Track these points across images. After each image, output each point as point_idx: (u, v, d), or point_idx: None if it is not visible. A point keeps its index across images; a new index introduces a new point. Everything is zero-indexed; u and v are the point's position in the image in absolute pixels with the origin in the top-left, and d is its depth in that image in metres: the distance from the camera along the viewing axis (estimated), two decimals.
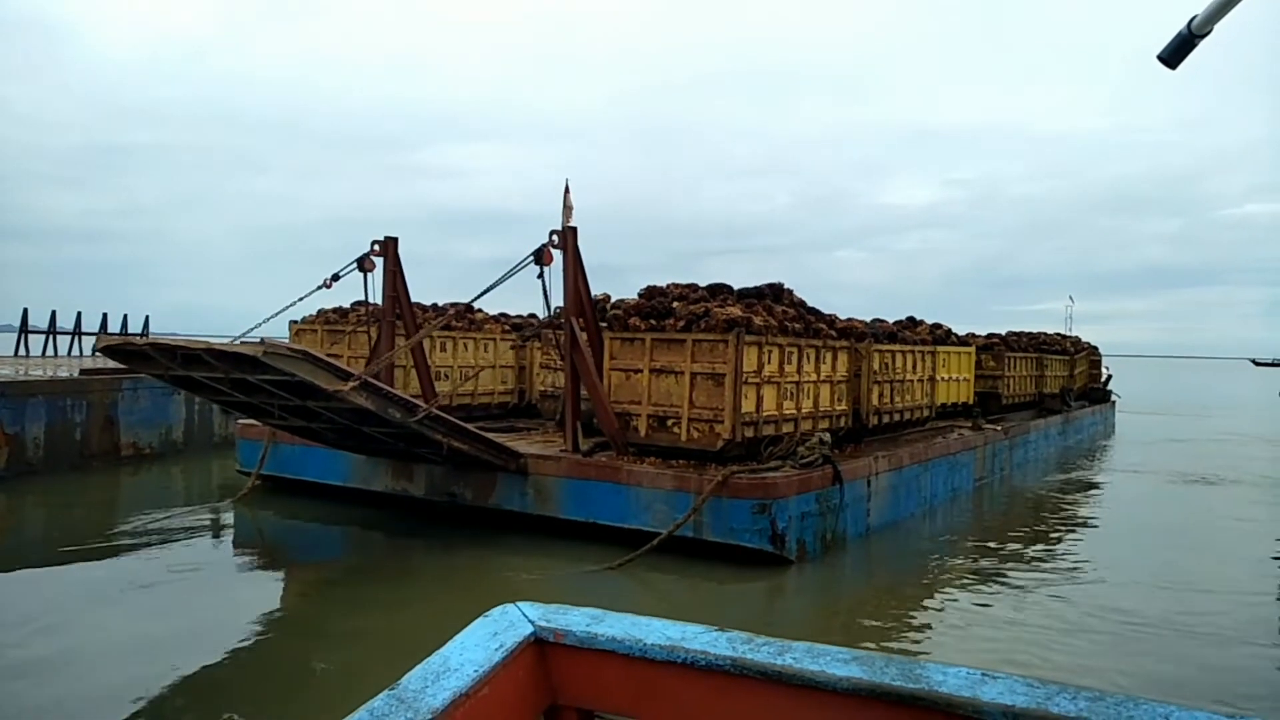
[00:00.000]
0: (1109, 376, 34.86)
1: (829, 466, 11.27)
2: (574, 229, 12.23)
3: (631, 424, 11.88)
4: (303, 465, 14.10)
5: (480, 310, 17.73)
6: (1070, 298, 38.25)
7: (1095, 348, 33.94)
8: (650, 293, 12.38)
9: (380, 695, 1.45)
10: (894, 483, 13.36)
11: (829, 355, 13.08)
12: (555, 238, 12.04)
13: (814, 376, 12.69)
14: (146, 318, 33.74)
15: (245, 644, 8.04)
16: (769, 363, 11.58)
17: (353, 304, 16.21)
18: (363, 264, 13.72)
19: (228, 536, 12.65)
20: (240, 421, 15.60)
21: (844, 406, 13.65)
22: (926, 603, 9.83)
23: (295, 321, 15.75)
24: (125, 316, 32.76)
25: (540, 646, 1.72)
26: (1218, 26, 3.14)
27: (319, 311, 15.99)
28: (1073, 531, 14.05)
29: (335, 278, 13.34)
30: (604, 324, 12.51)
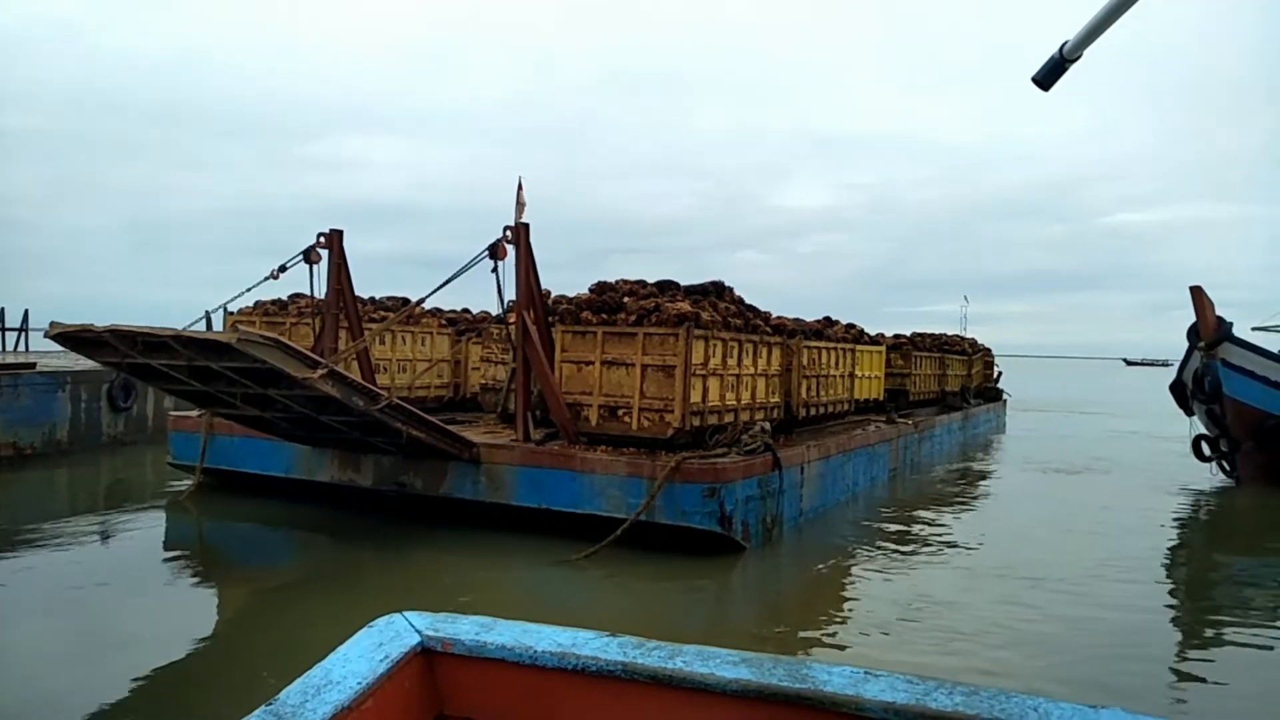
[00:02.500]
0: (1000, 375, 37.08)
1: (769, 454, 12.00)
2: (526, 225, 12.62)
3: (582, 414, 12.36)
4: (243, 457, 14.02)
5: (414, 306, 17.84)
6: (965, 299, 40.46)
7: (989, 349, 36.04)
8: (601, 288, 12.89)
9: (256, 711, 1.40)
10: (823, 471, 14.22)
11: (765, 350, 13.84)
12: (509, 233, 12.42)
13: (752, 370, 13.43)
14: (26, 311, 31.94)
15: (180, 658, 7.55)
16: (714, 356, 12.25)
17: (290, 296, 16.17)
18: (308, 256, 13.78)
19: (158, 539, 12.19)
20: (173, 414, 15.41)
21: (777, 399, 14.45)
22: (856, 581, 10.68)
23: (232, 313, 15.62)
24: (2, 310, 30.94)
25: (428, 656, 1.69)
26: (1088, 51, 3.32)
27: (256, 303, 15.89)
28: (972, 514, 15.29)
29: (282, 269, 13.38)
30: (553, 318, 12.96)
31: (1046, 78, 3.36)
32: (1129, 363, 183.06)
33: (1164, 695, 7.28)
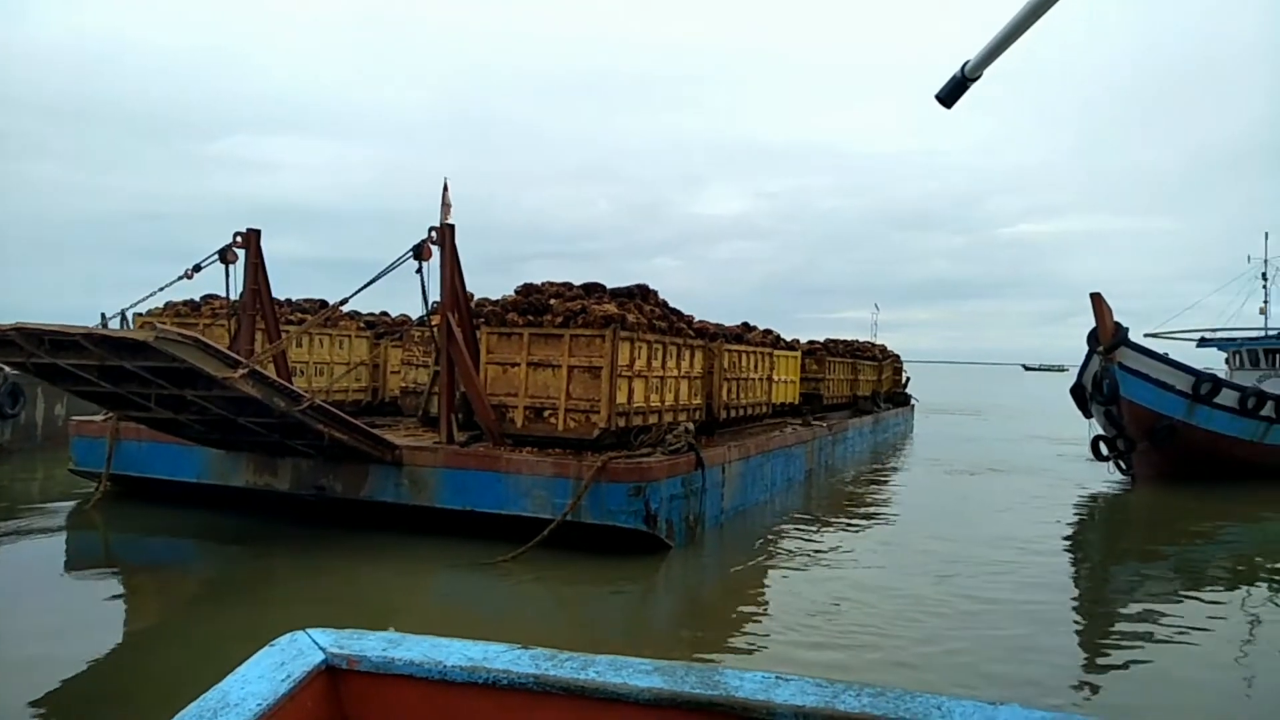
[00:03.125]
0: (908, 380, 38.34)
1: (693, 453, 12.22)
2: (452, 226, 12.59)
3: (508, 415, 12.35)
4: (151, 463, 13.56)
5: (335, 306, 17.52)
6: (876, 307, 41.84)
7: (898, 355, 37.22)
8: (527, 290, 12.92)
9: None
10: (743, 471, 14.53)
11: (688, 353, 14.08)
12: (434, 234, 12.38)
13: (676, 372, 13.64)
14: None
15: (84, 680, 7.09)
16: (639, 358, 12.40)
17: (203, 297, 15.70)
18: (224, 256, 13.41)
19: (59, 551, 11.66)
20: (75, 419, 14.79)
21: (699, 401, 14.69)
22: (775, 578, 10.97)
23: (140, 315, 15.06)
24: None
25: (332, 675, 1.65)
26: (989, 70, 3.42)
27: (167, 304, 15.36)
28: (882, 514, 15.81)
29: (197, 268, 13.00)
30: (478, 320, 12.94)
31: (949, 96, 3.45)
32: (1028, 368, 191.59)
33: (1066, 686, 7.52)
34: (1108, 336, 18.54)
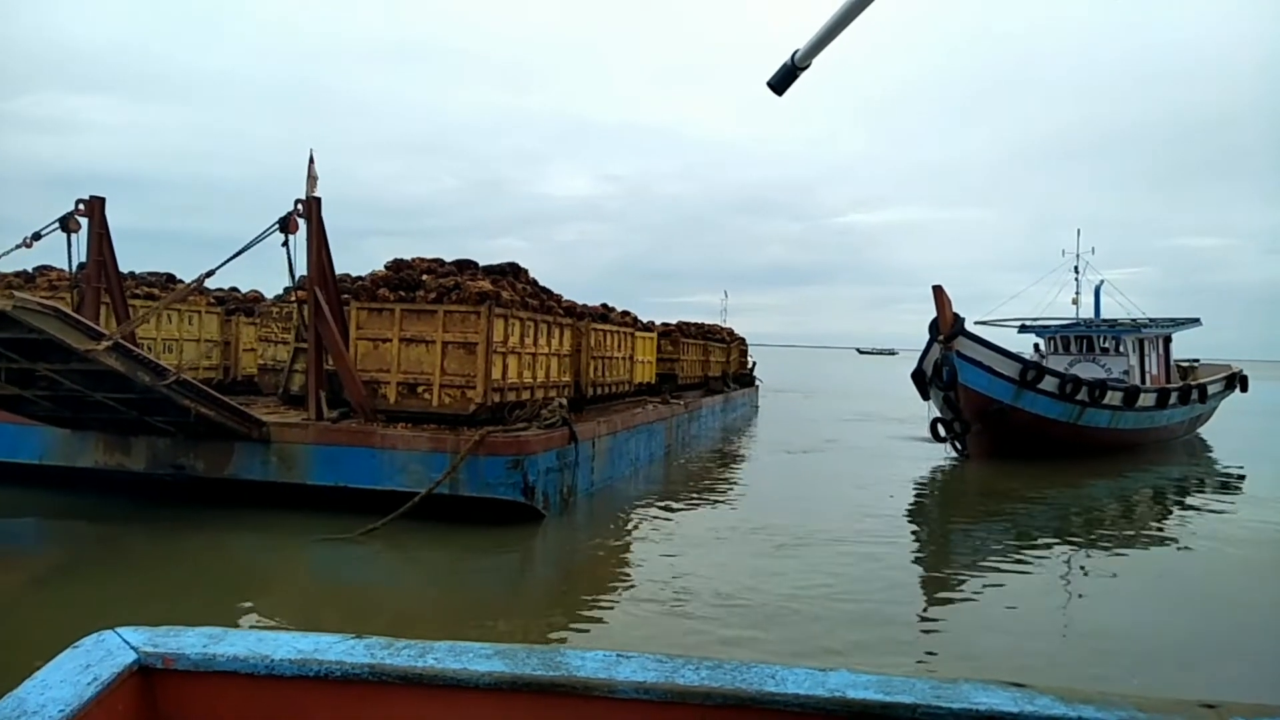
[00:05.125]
0: (754, 363, 40.02)
1: (567, 428, 12.58)
2: (318, 199, 12.36)
3: (380, 391, 12.32)
4: None
5: (183, 281, 16.76)
6: (725, 293, 43.45)
7: (744, 338, 38.76)
8: (398, 265, 12.87)
9: None
10: (611, 446, 15.01)
11: (558, 331, 14.40)
12: (300, 207, 12.13)
13: (547, 349, 13.94)
14: None
15: None
16: (513, 334, 12.63)
17: (36, 269, 14.68)
18: (66, 224, 12.63)
19: None
20: None
21: (568, 378, 15.06)
22: (638, 547, 11.52)
23: None
24: None
25: (146, 675, 1.57)
26: (817, 60, 3.47)
27: None
28: (735, 488, 16.61)
29: (36, 236, 12.19)
30: (346, 295, 12.79)
31: (780, 83, 3.48)
32: (861, 351, 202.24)
33: (904, 644, 7.97)
34: (947, 327, 20.03)
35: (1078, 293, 29.02)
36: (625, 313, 20.57)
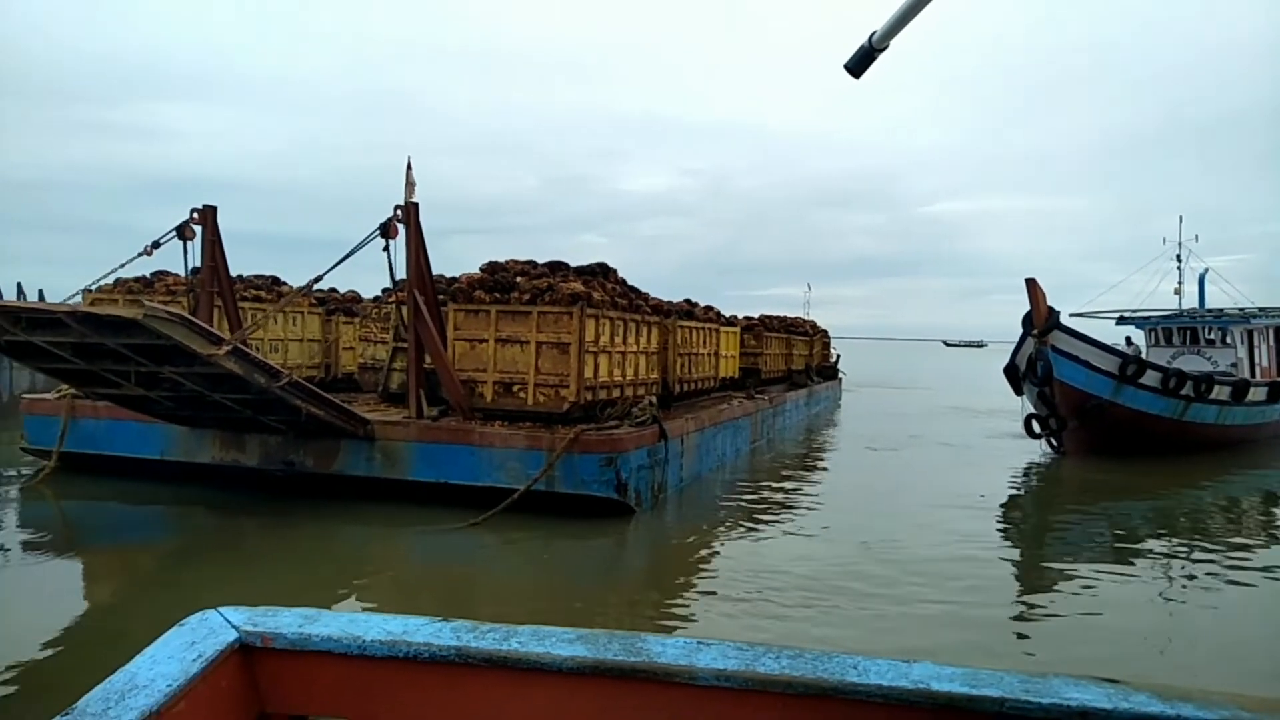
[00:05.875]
0: (838, 356, 39.61)
1: (657, 426, 12.76)
2: (416, 204, 12.79)
3: (477, 390, 12.69)
4: (110, 439, 13.50)
5: (286, 284, 17.51)
6: (809, 286, 43.15)
7: (826, 331, 38.41)
8: (493, 268, 13.22)
9: None
10: (699, 442, 15.15)
11: (646, 329, 14.59)
12: (399, 213, 12.57)
13: (635, 347, 14.14)
14: None
15: (43, 655, 6.97)
16: (604, 334, 12.86)
17: (153, 274, 15.53)
18: (182, 232, 13.38)
19: (11, 522, 11.64)
20: (26, 396, 14.57)
21: (656, 375, 15.24)
22: (726, 541, 11.57)
23: (90, 290, 14.85)
24: None
25: (246, 653, 1.63)
26: (895, 41, 3.33)
27: (118, 281, 15.15)
28: (821, 484, 16.56)
29: (156, 245, 12.95)
30: (443, 296, 13.21)
31: (858, 66, 3.40)
32: (948, 344, 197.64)
33: (998, 649, 7.84)
34: (1041, 320, 19.51)
35: (1180, 282, 27.94)
36: (709, 308, 20.63)
